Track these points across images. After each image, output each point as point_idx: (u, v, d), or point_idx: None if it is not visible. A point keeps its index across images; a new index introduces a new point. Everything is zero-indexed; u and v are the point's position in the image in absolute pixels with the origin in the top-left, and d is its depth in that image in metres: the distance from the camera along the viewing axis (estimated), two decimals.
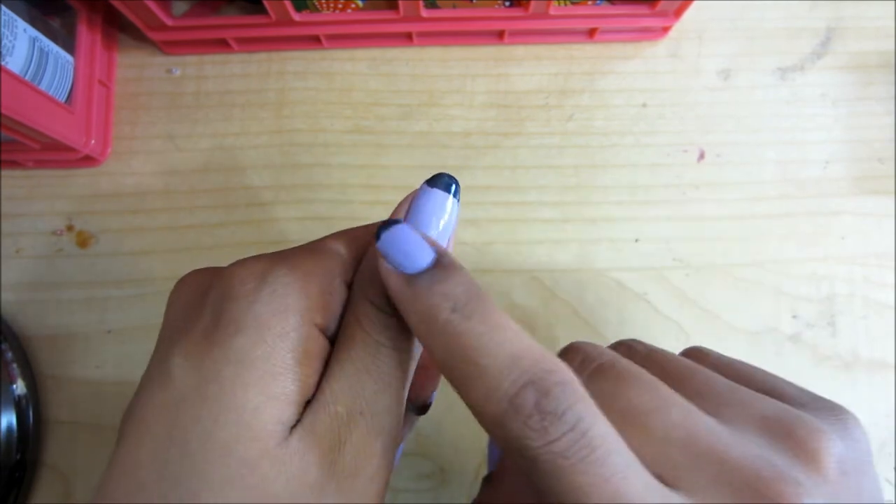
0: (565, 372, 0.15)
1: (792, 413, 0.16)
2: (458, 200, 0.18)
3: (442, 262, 0.16)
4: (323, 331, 0.17)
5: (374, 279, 0.17)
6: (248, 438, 0.15)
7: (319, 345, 0.17)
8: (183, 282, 0.19)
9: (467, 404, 0.15)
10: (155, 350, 0.18)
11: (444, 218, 0.18)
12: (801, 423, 0.16)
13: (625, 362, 0.18)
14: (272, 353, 0.16)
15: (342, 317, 0.18)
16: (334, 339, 0.18)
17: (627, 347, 0.21)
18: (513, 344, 0.15)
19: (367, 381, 0.16)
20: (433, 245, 0.17)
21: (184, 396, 0.16)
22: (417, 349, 0.18)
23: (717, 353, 0.21)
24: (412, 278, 0.16)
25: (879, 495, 0.17)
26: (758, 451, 0.15)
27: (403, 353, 0.17)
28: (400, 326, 0.17)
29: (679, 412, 0.16)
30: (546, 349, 0.15)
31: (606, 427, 0.14)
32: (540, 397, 0.14)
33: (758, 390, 0.18)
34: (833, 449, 0.16)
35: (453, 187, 0.18)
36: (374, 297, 0.17)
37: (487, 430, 0.15)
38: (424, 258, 0.16)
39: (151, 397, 0.16)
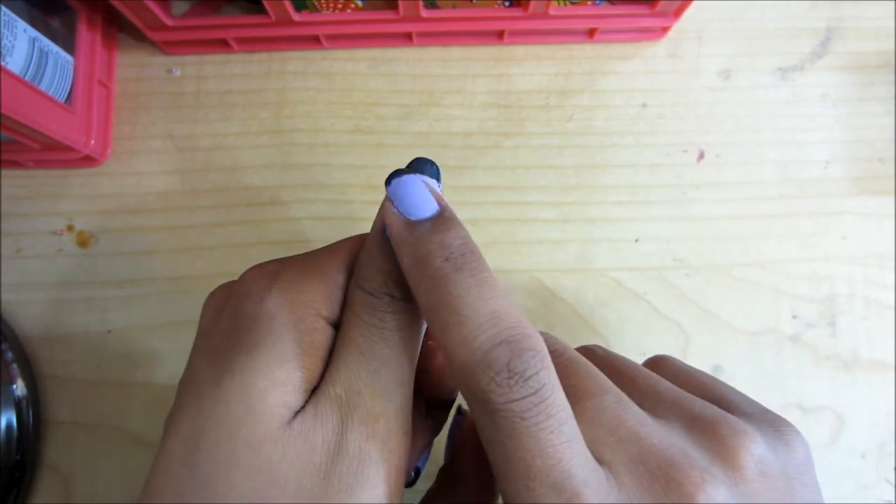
0: (538, 341, 0.16)
1: (720, 414, 0.18)
2: (440, 182, 0.19)
3: (444, 215, 0.17)
4: (330, 323, 0.18)
5: (363, 266, 0.18)
6: (252, 421, 0.16)
7: (326, 335, 0.18)
8: (210, 295, 0.20)
9: (442, 349, 0.16)
10: (188, 358, 0.19)
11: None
12: (726, 423, 0.17)
13: (574, 353, 0.19)
14: (279, 342, 0.17)
15: None
16: None
17: (588, 350, 0.22)
18: (495, 302, 0.16)
19: (362, 362, 0.17)
20: (439, 200, 0.18)
21: (206, 391, 0.17)
22: (415, 332, 0.18)
23: (679, 363, 0.22)
24: (414, 224, 0.17)
25: None
26: (677, 442, 0.17)
27: (395, 332, 0.18)
28: (389, 308, 0.18)
29: (612, 399, 0.17)
30: (524, 316, 0.16)
31: (563, 399, 0.16)
32: (512, 357, 0.15)
33: (707, 398, 0.19)
34: (754, 449, 0.16)
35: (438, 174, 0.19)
36: (363, 281, 0.18)
37: (455, 376, 0.16)
38: (429, 208, 0.17)
39: (182, 398, 0.17)
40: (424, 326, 0.19)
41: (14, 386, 0.30)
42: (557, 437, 0.15)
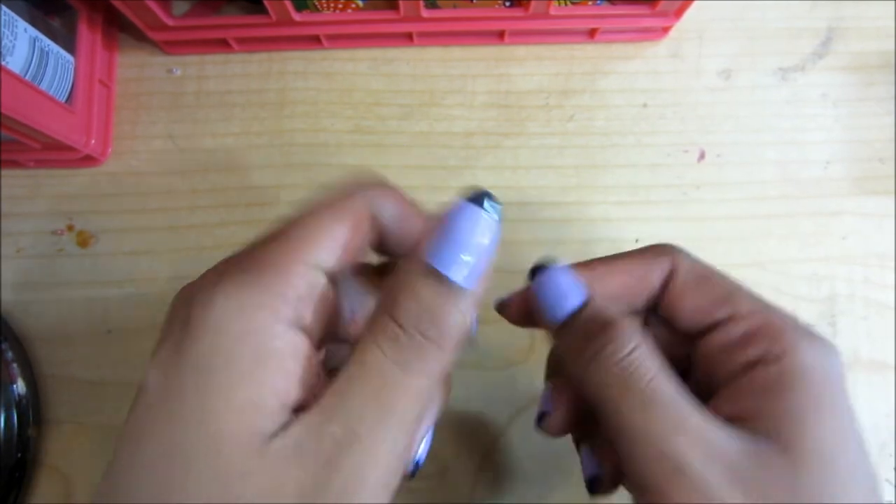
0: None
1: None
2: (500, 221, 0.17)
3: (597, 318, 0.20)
4: (298, 326, 0.16)
5: (400, 296, 0.16)
6: (210, 452, 0.14)
7: (292, 343, 0.15)
8: (175, 297, 0.18)
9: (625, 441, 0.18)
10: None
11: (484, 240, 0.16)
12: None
13: None
14: (230, 359, 0.15)
15: (333, 310, 0.17)
16: (318, 333, 0.17)
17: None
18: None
19: (372, 405, 0.15)
20: (583, 288, 0.21)
21: (153, 406, 0.15)
22: (441, 386, 0.17)
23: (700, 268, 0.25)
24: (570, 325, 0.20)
25: None
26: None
27: (421, 380, 0.16)
28: (422, 352, 0.15)
29: None
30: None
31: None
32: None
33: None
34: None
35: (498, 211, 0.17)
36: (398, 314, 0.16)
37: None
38: (574, 300, 0.20)
39: (133, 409, 0.16)
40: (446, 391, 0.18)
41: (14, 386, 0.30)
42: (645, 372, 0.19)
